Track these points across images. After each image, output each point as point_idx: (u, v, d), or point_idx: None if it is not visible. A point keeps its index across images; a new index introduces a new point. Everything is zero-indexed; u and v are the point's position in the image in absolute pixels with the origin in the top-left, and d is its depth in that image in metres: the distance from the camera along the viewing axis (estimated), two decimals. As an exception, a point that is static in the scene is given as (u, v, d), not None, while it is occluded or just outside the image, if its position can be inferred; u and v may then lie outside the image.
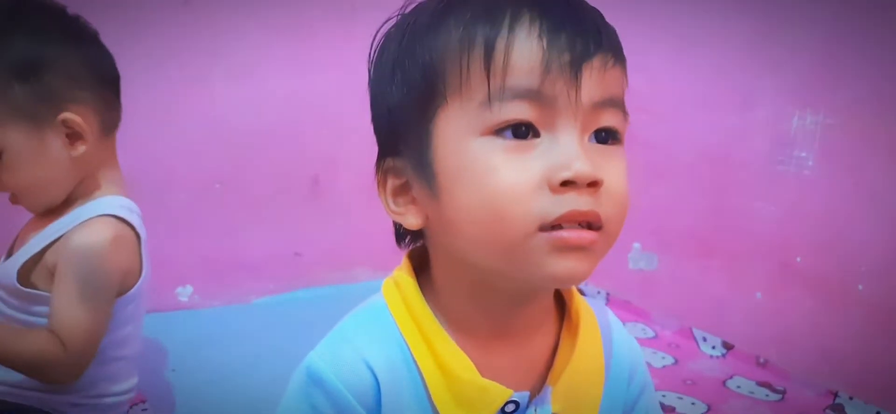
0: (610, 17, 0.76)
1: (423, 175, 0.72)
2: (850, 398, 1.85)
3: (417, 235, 0.78)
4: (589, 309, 0.81)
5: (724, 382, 1.96)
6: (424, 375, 0.72)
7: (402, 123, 0.73)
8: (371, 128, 0.78)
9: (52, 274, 1.26)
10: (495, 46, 0.68)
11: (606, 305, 0.95)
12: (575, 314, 0.78)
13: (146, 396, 1.67)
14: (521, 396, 0.73)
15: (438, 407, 0.72)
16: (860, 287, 1.83)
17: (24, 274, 1.27)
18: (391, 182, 0.75)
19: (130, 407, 1.41)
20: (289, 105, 2.22)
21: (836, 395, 1.87)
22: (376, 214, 0.80)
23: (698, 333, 2.12)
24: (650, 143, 2.11)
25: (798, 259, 1.94)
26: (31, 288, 1.27)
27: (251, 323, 2.11)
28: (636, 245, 2.24)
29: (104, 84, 1.30)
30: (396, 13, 0.76)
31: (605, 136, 0.70)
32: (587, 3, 0.72)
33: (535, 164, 0.66)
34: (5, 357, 1.21)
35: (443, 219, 0.71)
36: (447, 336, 0.73)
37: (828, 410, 1.85)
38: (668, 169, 2.14)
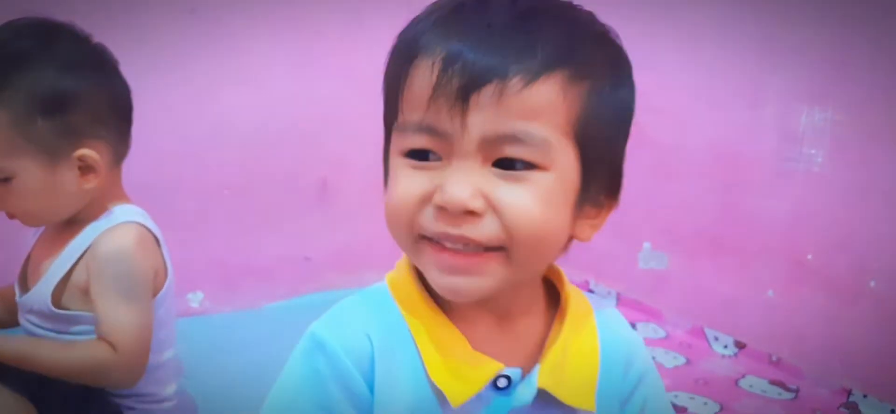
0: (616, 18, 0.75)
1: None
2: (864, 396, 1.84)
3: None
4: (584, 300, 0.84)
5: (736, 382, 1.95)
6: (419, 347, 0.76)
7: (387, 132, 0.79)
8: (377, 129, 0.79)
9: (83, 292, 1.27)
10: (400, 78, 0.72)
11: (617, 305, 0.96)
12: (564, 302, 0.81)
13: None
14: (514, 371, 0.77)
15: (432, 375, 0.75)
16: (872, 283, 1.82)
17: (56, 297, 1.27)
18: None
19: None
20: (296, 109, 2.22)
21: (849, 393, 1.86)
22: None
23: (710, 333, 2.11)
24: (659, 143, 2.10)
25: (809, 257, 1.93)
26: (64, 310, 1.27)
27: (262, 328, 2.11)
28: (647, 244, 2.24)
29: (122, 118, 1.30)
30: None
31: (514, 162, 0.70)
32: (531, 16, 0.70)
33: (425, 182, 0.71)
34: (58, 369, 1.22)
35: None
36: (441, 313, 0.77)
37: (842, 408, 1.85)
38: (678, 168, 2.13)
